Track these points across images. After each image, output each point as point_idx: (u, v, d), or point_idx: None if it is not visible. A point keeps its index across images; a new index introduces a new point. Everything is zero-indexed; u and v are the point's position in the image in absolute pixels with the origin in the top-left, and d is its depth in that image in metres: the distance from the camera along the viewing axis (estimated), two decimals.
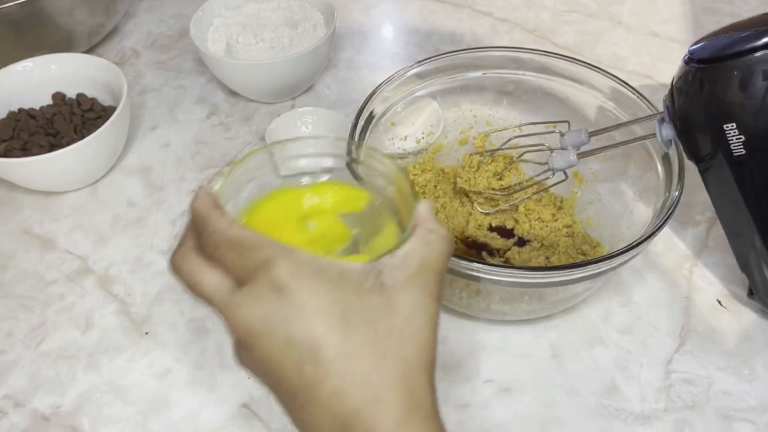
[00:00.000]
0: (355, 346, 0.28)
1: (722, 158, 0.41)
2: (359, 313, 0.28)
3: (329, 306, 0.28)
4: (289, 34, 0.68)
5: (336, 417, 0.28)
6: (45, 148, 0.60)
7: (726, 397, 0.46)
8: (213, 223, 0.30)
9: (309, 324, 0.27)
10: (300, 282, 0.28)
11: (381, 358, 0.28)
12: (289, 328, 0.27)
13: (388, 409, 0.27)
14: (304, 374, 0.28)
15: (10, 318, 0.53)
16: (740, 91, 0.39)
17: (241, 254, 0.29)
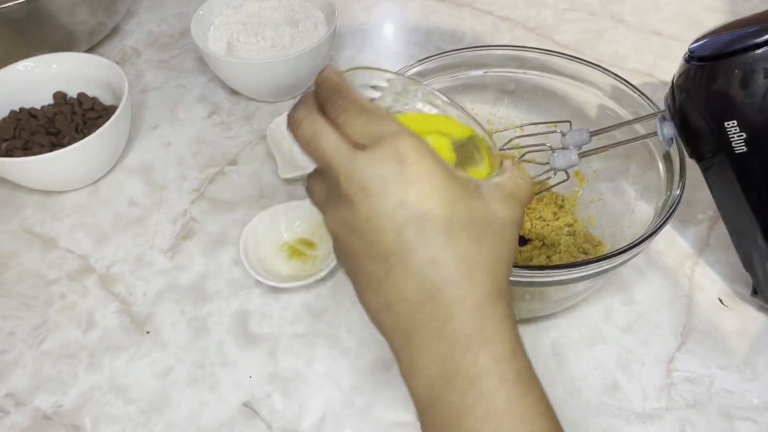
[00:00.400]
0: (458, 227, 0.30)
1: (724, 156, 0.41)
2: (463, 204, 0.30)
3: (442, 188, 0.30)
4: (290, 32, 0.68)
5: (424, 283, 0.29)
6: (46, 148, 0.60)
7: (727, 395, 0.46)
8: (346, 89, 0.32)
9: (423, 194, 0.29)
10: (422, 158, 0.29)
11: (477, 244, 0.30)
12: (404, 192, 0.29)
13: (477, 286, 0.30)
14: (405, 237, 0.29)
15: (12, 317, 0.53)
16: (741, 89, 0.38)
17: (370, 122, 0.30)
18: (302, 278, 0.52)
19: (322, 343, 0.50)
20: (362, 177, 0.29)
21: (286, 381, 0.48)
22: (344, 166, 0.30)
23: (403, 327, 0.30)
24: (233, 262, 0.55)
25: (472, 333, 0.29)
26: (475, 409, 0.28)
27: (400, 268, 0.29)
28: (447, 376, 0.29)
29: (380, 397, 0.47)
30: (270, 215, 0.56)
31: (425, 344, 0.29)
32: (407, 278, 0.29)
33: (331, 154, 0.30)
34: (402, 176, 0.29)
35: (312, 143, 0.31)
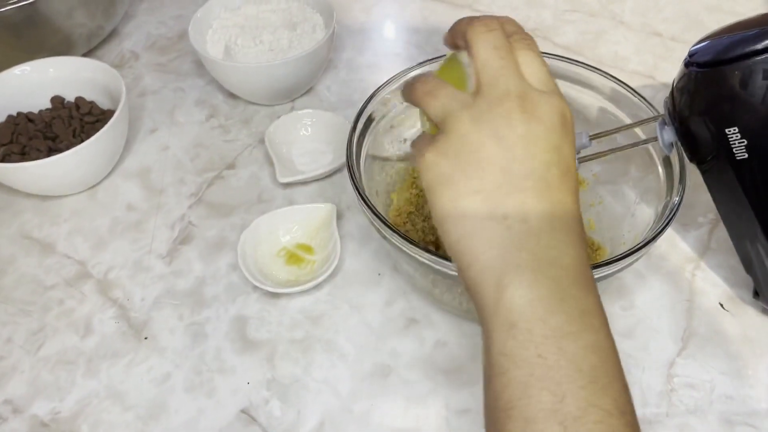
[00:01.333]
0: (577, 194, 0.34)
1: (724, 161, 0.41)
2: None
3: (574, 158, 0.34)
4: (288, 35, 0.68)
5: (553, 216, 0.32)
6: (44, 152, 0.60)
7: (728, 401, 0.46)
8: (532, 40, 0.36)
9: (571, 154, 0.33)
10: (573, 127, 0.34)
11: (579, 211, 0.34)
12: (562, 142, 0.32)
13: (583, 244, 0.33)
14: (550, 172, 0.32)
15: (10, 323, 0.53)
16: (742, 95, 0.38)
17: (548, 75, 0.34)
18: (300, 283, 0.52)
19: (321, 349, 0.50)
20: (535, 105, 0.32)
21: (284, 387, 0.48)
22: (522, 88, 0.32)
23: (513, 241, 0.31)
24: (231, 267, 0.55)
25: (581, 274, 0.31)
26: (582, 336, 0.29)
27: (535, 192, 0.31)
28: (556, 299, 0.30)
29: (379, 403, 0.47)
30: (268, 220, 0.56)
31: (537, 265, 0.30)
32: (538, 204, 0.31)
33: (513, 73, 0.33)
34: (563, 129, 0.32)
35: (500, 51, 0.33)
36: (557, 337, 0.29)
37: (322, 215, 0.56)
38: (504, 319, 0.30)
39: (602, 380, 0.29)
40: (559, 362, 0.29)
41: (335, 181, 0.62)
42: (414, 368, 0.49)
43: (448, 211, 0.33)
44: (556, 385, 0.28)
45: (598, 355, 0.29)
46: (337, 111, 0.66)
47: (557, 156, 0.32)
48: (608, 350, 0.30)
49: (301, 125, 0.65)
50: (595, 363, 0.29)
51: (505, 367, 0.30)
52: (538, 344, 0.29)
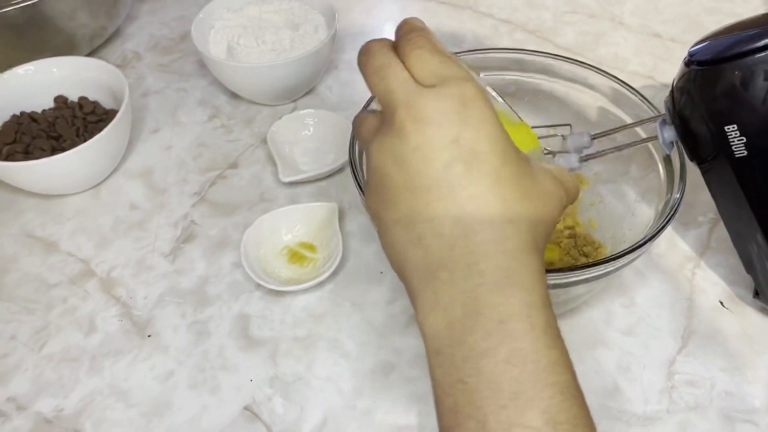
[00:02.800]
0: (506, 175, 0.30)
1: (724, 159, 0.41)
2: (514, 160, 0.31)
3: (497, 137, 0.30)
4: (290, 36, 0.68)
5: (463, 219, 0.29)
6: (47, 152, 0.60)
7: (729, 398, 0.46)
8: (426, 30, 0.33)
9: (479, 136, 0.30)
10: (484, 105, 0.30)
11: (523, 196, 0.30)
12: (460, 130, 0.29)
13: (516, 233, 0.29)
14: (453, 171, 0.29)
15: (13, 321, 0.53)
16: (741, 93, 0.38)
17: (442, 63, 0.31)
18: (303, 282, 0.52)
19: (323, 347, 0.50)
20: (422, 109, 0.30)
21: (287, 384, 0.48)
22: (406, 98, 0.30)
23: (430, 262, 0.30)
24: (234, 266, 0.55)
25: (505, 275, 0.29)
26: (498, 350, 0.27)
27: (441, 201, 0.29)
28: (472, 314, 0.28)
29: (381, 400, 0.47)
30: (271, 219, 0.56)
31: (453, 280, 0.29)
32: (446, 212, 0.29)
33: (396, 87, 0.31)
34: (461, 115, 0.30)
35: (380, 73, 0.32)
36: (475, 357, 0.27)
37: (324, 214, 0.57)
38: (431, 346, 0.29)
39: (527, 393, 0.27)
40: (479, 385, 0.27)
41: (337, 181, 0.62)
42: (416, 366, 0.49)
43: (383, 247, 0.33)
44: (478, 410, 0.27)
45: (519, 366, 0.27)
46: (339, 111, 0.67)
47: (456, 150, 0.29)
48: (536, 355, 0.28)
49: (303, 125, 0.65)
50: (515, 376, 0.27)
51: (438, 395, 0.29)
52: (459, 369, 0.28)
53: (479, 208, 0.29)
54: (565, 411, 0.27)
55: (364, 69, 0.33)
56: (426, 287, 0.30)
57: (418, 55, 0.32)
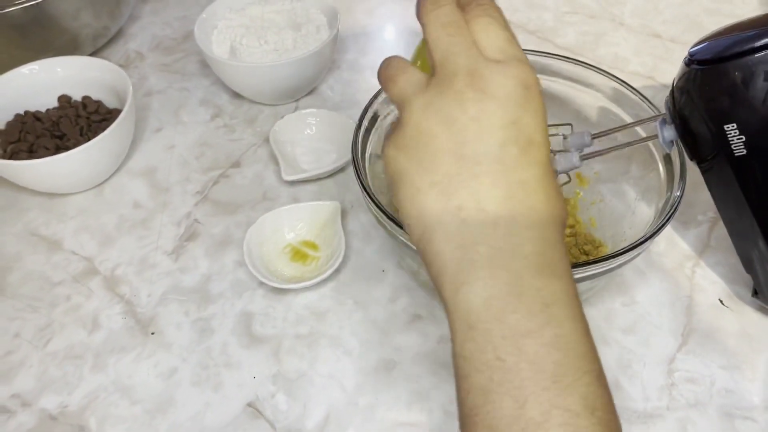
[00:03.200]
0: (550, 171, 0.31)
1: (723, 158, 0.42)
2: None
3: (546, 130, 0.31)
4: (292, 36, 0.69)
5: (509, 200, 0.29)
6: (51, 151, 0.60)
7: (728, 395, 0.47)
8: (497, 5, 0.32)
9: (537, 125, 0.30)
10: (540, 94, 0.31)
11: (558, 194, 0.31)
12: (522, 113, 0.30)
13: (557, 227, 0.30)
14: (507, 151, 0.29)
15: (17, 318, 0.53)
16: (741, 92, 0.39)
17: (509, 41, 0.31)
18: (305, 279, 0.53)
19: (326, 344, 0.50)
20: (487, 80, 0.29)
21: (290, 381, 0.48)
22: (473, 63, 0.30)
23: (467, 234, 0.29)
24: (237, 264, 0.56)
25: (546, 263, 0.29)
26: (543, 333, 0.27)
27: (490, 177, 0.29)
28: (515, 294, 0.28)
29: (384, 397, 0.47)
30: (273, 217, 0.56)
31: (493, 257, 0.28)
32: (494, 188, 0.29)
33: (462, 50, 0.30)
34: (524, 99, 0.30)
35: (447, 29, 0.31)
36: (516, 336, 0.27)
37: (326, 212, 0.57)
38: (462, 320, 0.28)
39: (568, 377, 0.27)
40: (519, 364, 0.27)
41: (339, 180, 0.62)
42: (418, 363, 0.49)
43: (408, 208, 0.31)
44: (517, 389, 0.26)
45: (563, 350, 0.27)
46: (341, 111, 0.67)
47: (515, 131, 0.29)
48: (576, 342, 0.28)
49: (305, 124, 0.66)
50: (559, 359, 0.27)
51: (467, 371, 0.28)
52: (497, 346, 0.27)
53: (527, 194, 0.29)
54: (600, 398, 0.27)
55: (428, 18, 0.32)
56: (461, 258, 0.29)
57: (488, 24, 0.31)
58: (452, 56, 0.30)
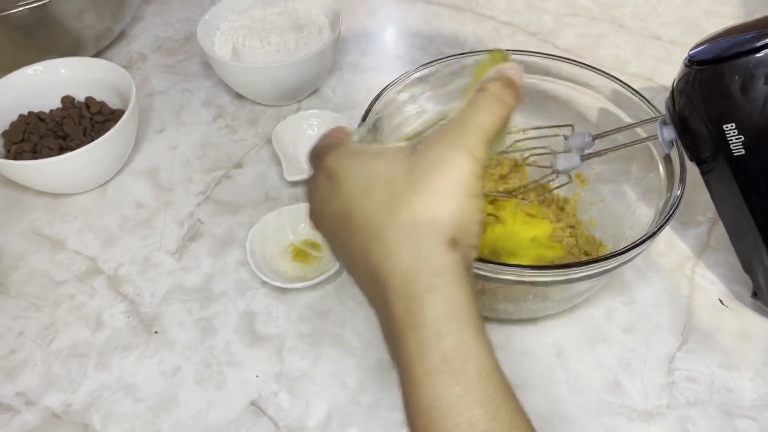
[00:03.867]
0: (373, 205, 0.30)
1: (723, 159, 0.42)
2: (384, 178, 0.30)
3: (357, 181, 0.31)
4: (294, 37, 0.69)
5: (367, 269, 0.30)
6: (55, 151, 0.61)
7: (728, 394, 0.47)
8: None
9: (341, 198, 0.31)
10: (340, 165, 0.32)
11: (391, 213, 0.29)
12: (333, 201, 0.31)
13: (397, 265, 0.29)
14: (339, 236, 0.32)
15: (21, 317, 0.54)
16: (739, 92, 0.39)
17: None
18: (308, 279, 0.53)
19: (328, 343, 0.51)
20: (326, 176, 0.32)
21: (293, 380, 0.49)
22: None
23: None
24: (239, 263, 0.56)
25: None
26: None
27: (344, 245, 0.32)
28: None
29: (385, 395, 0.48)
30: (276, 217, 0.57)
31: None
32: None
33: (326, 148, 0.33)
34: (333, 187, 0.32)
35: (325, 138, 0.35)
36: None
37: None
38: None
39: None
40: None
41: None
42: None
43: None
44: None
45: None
46: (342, 112, 0.68)
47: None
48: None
49: (307, 125, 0.66)
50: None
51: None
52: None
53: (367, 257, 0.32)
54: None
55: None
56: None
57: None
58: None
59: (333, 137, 0.35)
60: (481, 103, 0.31)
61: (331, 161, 0.31)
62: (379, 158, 0.31)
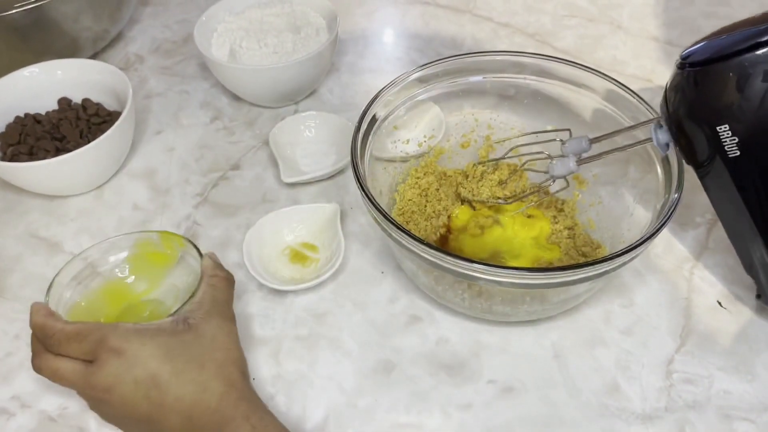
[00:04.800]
0: (180, 366, 0.39)
1: (719, 161, 0.42)
2: (177, 347, 0.40)
3: (154, 349, 0.39)
4: (292, 39, 0.69)
5: (182, 413, 0.39)
6: (51, 153, 0.60)
7: (726, 396, 0.47)
8: (50, 327, 0.41)
9: (145, 365, 0.39)
10: (129, 343, 0.39)
11: (200, 367, 0.40)
12: (132, 373, 0.39)
13: (213, 391, 0.39)
14: (152, 398, 0.39)
15: (17, 320, 0.53)
16: (731, 93, 0.39)
17: (81, 342, 0.40)
18: (305, 281, 0.53)
19: (325, 346, 0.51)
20: (100, 382, 0.39)
21: (290, 383, 0.49)
22: (85, 382, 0.39)
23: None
24: (236, 266, 0.56)
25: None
26: None
27: (162, 417, 0.39)
28: None
29: (383, 398, 0.47)
30: (273, 219, 0.56)
31: None
32: (170, 420, 0.39)
33: (73, 381, 0.40)
34: (124, 364, 0.38)
35: (57, 379, 0.40)
36: None
37: (326, 214, 0.57)
38: None
39: None
40: None
41: (338, 182, 0.63)
42: (417, 364, 0.49)
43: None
44: None
45: None
46: (340, 113, 0.67)
47: (143, 389, 0.39)
48: None
49: (304, 127, 0.66)
50: None
51: None
52: None
53: (183, 401, 0.39)
54: None
55: (48, 380, 0.42)
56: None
57: (65, 351, 0.40)
58: (76, 389, 0.42)
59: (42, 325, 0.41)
60: (218, 285, 0.46)
61: (119, 340, 0.39)
62: (163, 334, 0.40)
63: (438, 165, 0.60)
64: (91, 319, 0.49)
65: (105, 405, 0.40)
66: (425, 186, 0.58)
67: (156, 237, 0.51)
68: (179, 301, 0.51)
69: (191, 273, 0.50)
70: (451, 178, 0.59)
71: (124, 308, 0.50)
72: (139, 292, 0.51)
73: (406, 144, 0.58)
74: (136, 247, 0.51)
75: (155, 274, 0.52)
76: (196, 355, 0.40)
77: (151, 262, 0.52)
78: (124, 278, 0.52)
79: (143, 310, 0.51)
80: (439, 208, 0.56)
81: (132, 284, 0.52)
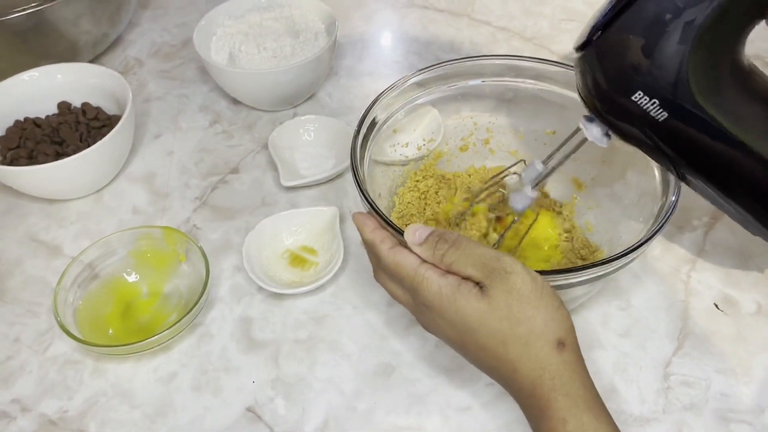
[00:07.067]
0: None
1: (654, 130, 0.40)
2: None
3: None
4: (291, 43, 0.69)
5: (500, 377, 0.40)
6: (51, 157, 0.60)
7: (724, 398, 0.47)
8: (377, 251, 0.42)
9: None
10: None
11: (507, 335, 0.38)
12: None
13: (524, 381, 0.38)
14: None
15: (17, 323, 0.53)
16: (624, 60, 0.38)
17: (400, 280, 0.41)
18: (304, 284, 0.53)
19: (324, 349, 0.51)
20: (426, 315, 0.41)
21: (289, 386, 0.49)
22: (413, 311, 0.42)
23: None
24: (236, 269, 0.56)
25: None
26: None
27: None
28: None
29: (382, 401, 0.48)
30: (272, 223, 0.57)
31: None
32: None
33: (404, 303, 0.43)
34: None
35: (393, 297, 0.44)
36: None
37: (325, 218, 0.57)
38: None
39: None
40: None
41: (337, 185, 0.63)
42: (416, 367, 0.49)
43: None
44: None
45: None
46: (339, 117, 0.68)
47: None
48: None
49: (303, 130, 0.66)
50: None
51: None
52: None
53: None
54: None
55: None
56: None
57: (395, 279, 0.43)
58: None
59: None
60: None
61: (429, 299, 0.39)
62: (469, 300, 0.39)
63: (437, 168, 0.60)
64: (94, 319, 0.51)
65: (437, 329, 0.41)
66: (424, 189, 0.58)
67: (158, 233, 0.52)
68: (183, 299, 0.52)
69: (194, 272, 0.51)
70: (450, 181, 0.59)
71: (127, 306, 0.52)
72: (143, 291, 0.53)
73: (405, 147, 0.59)
74: (139, 242, 0.53)
75: (159, 272, 0.53)
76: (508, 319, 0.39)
77: (155, 261, 0.53)
78: (128, 277, 0.53)
79: (147, 308, 0.52)
80: (439, 210, 0.57)
81: (136, 283, 0.53)
